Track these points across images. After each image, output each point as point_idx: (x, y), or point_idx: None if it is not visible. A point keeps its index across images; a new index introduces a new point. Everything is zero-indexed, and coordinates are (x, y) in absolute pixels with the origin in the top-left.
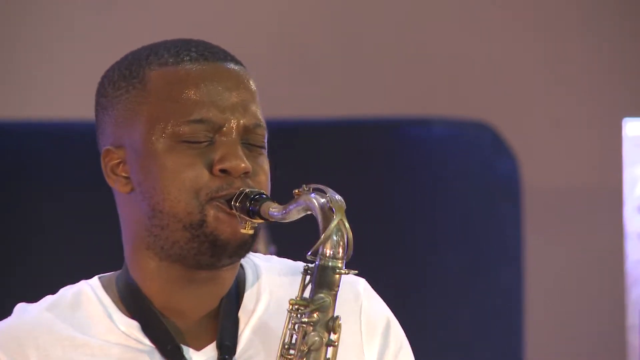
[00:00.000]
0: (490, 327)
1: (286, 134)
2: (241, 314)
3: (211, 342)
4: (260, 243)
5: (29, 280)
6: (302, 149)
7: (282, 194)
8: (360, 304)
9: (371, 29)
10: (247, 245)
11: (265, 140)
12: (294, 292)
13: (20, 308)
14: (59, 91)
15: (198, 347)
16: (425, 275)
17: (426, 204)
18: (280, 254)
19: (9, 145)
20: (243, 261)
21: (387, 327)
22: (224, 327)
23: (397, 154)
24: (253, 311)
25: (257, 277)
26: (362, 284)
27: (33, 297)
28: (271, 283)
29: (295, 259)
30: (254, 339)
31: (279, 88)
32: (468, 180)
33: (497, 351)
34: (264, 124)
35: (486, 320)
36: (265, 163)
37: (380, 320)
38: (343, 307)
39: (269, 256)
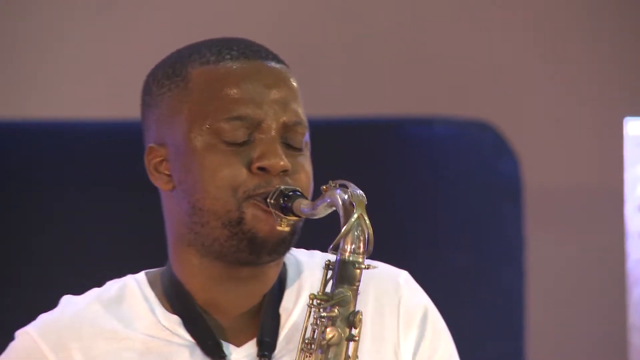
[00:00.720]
0: (491, 326)
1: None
2: (282, 310)
3: (251, 338)
4: None
5: (30, 280)
6: None
7: None
8: (399, 296)
9: (372, 28)
10: (286, 243)
11: (306, 140)
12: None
13: (66, 300)
14: (59, 90)
15: (238, 344)
16: (426, 274)
17: (427, 203)
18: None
19: (9, 145)
20: (286, 258)
21: (424, 317)
22: (264, 324)
23: (398, 153)
24: (293, 309)
25: (299, 274)
26: (403, 276)
27: (34, 297)
28: (313, 280)
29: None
30: (294, 336)
31: None
32: (469, 179)
33: (498, 351)
34: (305, 122)
35: (487, 320)
36: (306, 162)
37: (418, 311)
38: (383, 299)
39: (312, 251)
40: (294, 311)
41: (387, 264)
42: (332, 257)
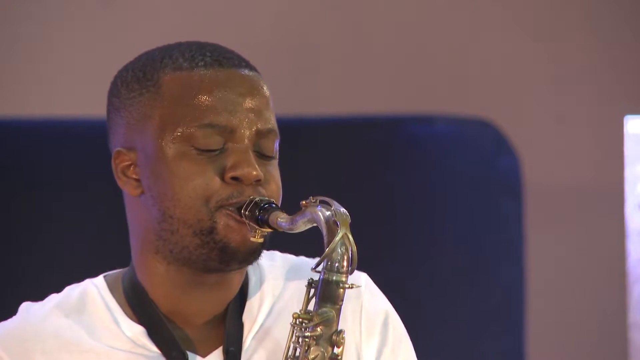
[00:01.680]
0: (491, 324)
1: (286, 132)
2: (245, 319)
3: (215, 348)
4: None
5: (29, 279)
6: (302, 147)
7: (286, 193)
8: (361, 301)
9: (372, 26)
10: (257, 253)
11: (276, 148)
12: (297, 291)
13: (25, 308)
14: (58, 89)
15: (204, 353)
16: (426, 271)
17: (428, 201)
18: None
19: (8, 144)
20: None
21: (386, 322)
22: (229, 333)
23: (399, 151)
24: (256, 317)
25: (261, 280)
26: (363, 278)
27: (32, 297)
28: (274, 286)
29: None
30: (257, 344)
31: (278, 86)
32: (469, 177)
33: (498, 348)
34: (276, 130)
35: (487, 317)
36: (276, 171)
37: (379, 316)
38: (345, 304)
39: (272, 253)
40: (258, 318)
41: (387, 260)
42: (294, 259)
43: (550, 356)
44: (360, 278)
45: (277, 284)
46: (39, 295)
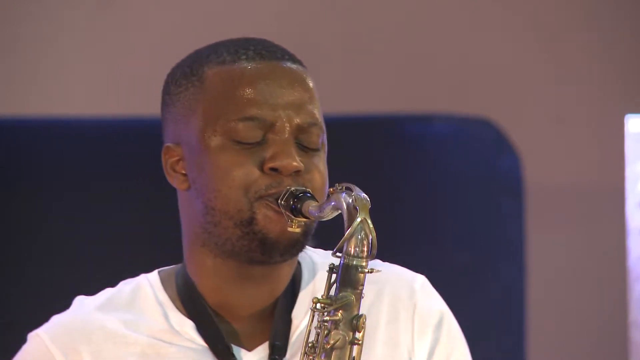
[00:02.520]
0: (492, 322)
1: None
2: (295, 314)
3: (262, 342)
4: None
5: (35, 279)
6: None
7: None
8: (414, 302)
9: (372, 26)
10: (298, 244)
11: (322, 141)
12: None
13: (78, 302)
14: (57, 88)
15: (250, 347)
16: (426, 270)
17: (428, 200)
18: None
19: (8, 143)
20: (301, 258)
21: (440, 322)
22: (276, 328)
23: (399, 151)
24: (306, 313)
25: (313, 276)
26: (419, 281)
27: (32, 297)
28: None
29: None
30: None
31: None
32: (470, 176)
33: (499, 346)
34: (320, 123)
35: (488, 315)
36: (320, 162)
37: (433, 316)
38: (398, 304)
39: (329, 252)
40: (307, 315)
41: (389, 259)
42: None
43: (551, 355)
44: (417, 280)
45: None
46: (38, 296)
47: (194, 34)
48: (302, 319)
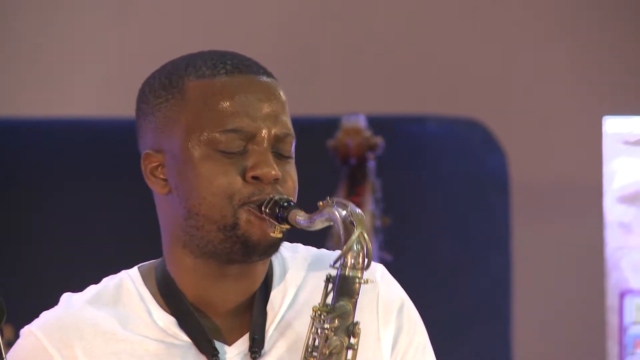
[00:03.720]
0: (481, 309)
1: None
2: (268, 309)
3: (240, 336)
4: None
5: (30, 278)
6: (300, 145)
7: None
8: (377, 291)
9: (367, 30)
10: (276, 246)
11: (293, 148)
12: (319, 282)
13: (66, 298)
14: (56, 89)
15: (230, 342)
16: (419, 262)
17: (421, 196)
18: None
19: (7, 143)
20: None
21: (401, 309)
22: (255, 321)
23: (394, 150)
24: (280, 306)
25: (285, 271)
26: (379, 270)
27: (32, 297)
28: (297, 277)
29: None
30: (282, 333)
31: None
32: (460, 173)
33: (487, 332)
34: (292, 132)
35: (477, 303)
36: (293, 170)
37: (395, 303)
38: (362, 296)
39: (295, 245)
40: (281, 308)
41: (386, 254)
42: (316, 251)
43: (535, 338)
44: (377, 269)
45: (300, 275)
46: (38, 296)
47: (191, 36)
48: (276, 313)
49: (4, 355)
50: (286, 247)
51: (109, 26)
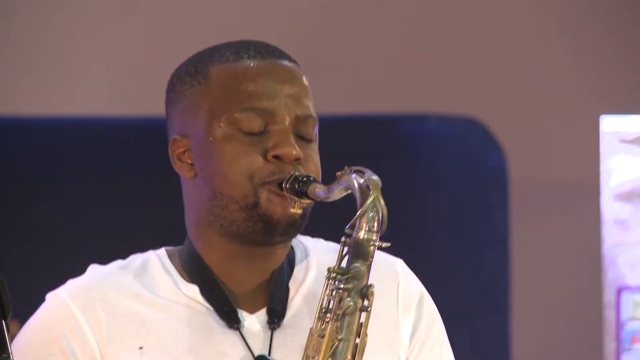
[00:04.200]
0: (479, 304)
1: None
2: (292, 284)
3: (263, 307)
4: None
5: (30, 276)
6: None
7: None
8: (397, 281)
9: (366, 29)
10: (297, 225)
11: (316, 132)
12: None
13: (93, 268)
14: (57, 88)
15: (251, 311)
16: (420, 258)
17: (421, 194)
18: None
19: (7, 142)
20: (293, 243)
21: (420, 302)
22: (274, 295)
23: (394, 148)
24: (303, 281)
25: (306, 254)
26: (400, 264)
27: (32, 296)
28: (318, 259)
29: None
30: (303, 305)
31: None
32: (459, 171)
33: (485, 326)
34: (315, 115)
35: (476, 298)
36: (315, 152)
37: (414, 295)
38: (382, 283)
39: (317, 239)
40: (302, 286)
41: (386, 249)
42: (335, 245)
43: (533, 334)
44: (397, 262)
45: (321, 259)
46: (38, 295)
47: (192, 35)
48: (297, 289)
49: (10, 350)
50: (308, 239)
51: (111, 25)
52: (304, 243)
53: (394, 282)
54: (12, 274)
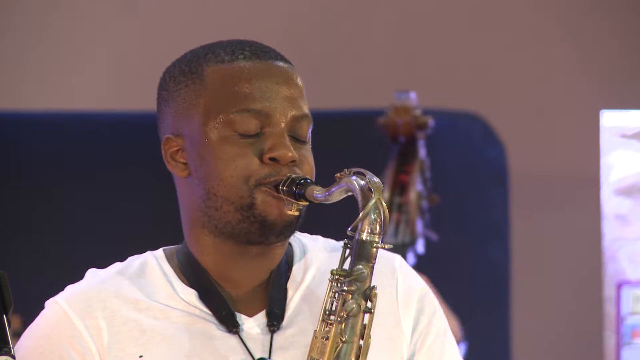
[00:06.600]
0: (480, 298)
1: None
2: (290, 284)
3: (261, 310)
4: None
5: (30, 274)
6: None
7: None
8: (396, 277)
9: (366, 25)
10: (292, 226)
11: (309, 133)
12: (336, 265)
13: (91, 273)
14: (60, 83)
15: (250, 314)
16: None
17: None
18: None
19: (10, 136)
20: (292, 240)
21: (421, 294)
22: (272, 297)
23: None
24: (301, 282)
25: (304, 253)
26: (397, 259)
27: (31, 295)
28: (317, 258)
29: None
30: (302, 306)
31: None
32: (460, 166)
33: (487, 319)
34: (310, 116)
35: (476, 294)
36: (309, 154)
37: (414, 289)
38: (382, 280)
39: (315, 236)
40: (301, 286)
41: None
42: (334, 242)
43: (534, 329)
44: (395, 259)
45: (319, 258)
46: (37, 294)
47: (196, 31)
48: (296, 289)
49: (10, 344)
50: (306, 236)
51: (113, 20)
52: (303, 241)
53: (392, 279)
54: (13, 268)
